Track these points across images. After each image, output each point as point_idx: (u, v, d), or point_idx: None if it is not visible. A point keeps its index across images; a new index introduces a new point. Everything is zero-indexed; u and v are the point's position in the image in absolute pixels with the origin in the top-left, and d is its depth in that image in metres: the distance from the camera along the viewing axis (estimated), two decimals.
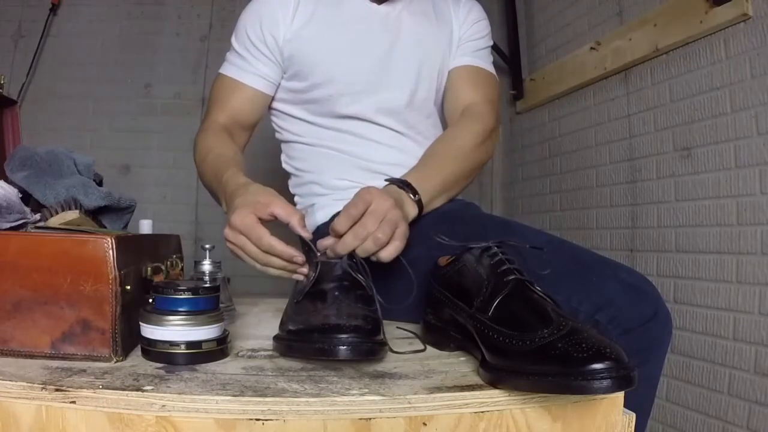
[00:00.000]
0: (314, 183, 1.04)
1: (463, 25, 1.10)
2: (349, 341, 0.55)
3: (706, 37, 1.31)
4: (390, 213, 0.73)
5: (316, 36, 1.00)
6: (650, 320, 0.72)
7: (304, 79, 1.01)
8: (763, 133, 1.18)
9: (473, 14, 1.11)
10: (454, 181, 0.96)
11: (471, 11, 1.11)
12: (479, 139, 0.99)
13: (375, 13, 1.04)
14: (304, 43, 1.00)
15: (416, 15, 1.07)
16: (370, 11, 1.04)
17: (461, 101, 1.06)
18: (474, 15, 1.11)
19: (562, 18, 1.92)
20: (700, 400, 1.33)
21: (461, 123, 1.02)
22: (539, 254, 0.64)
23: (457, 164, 0.96)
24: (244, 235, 0.69)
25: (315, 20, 1.01)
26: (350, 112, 1.01)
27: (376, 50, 1.02)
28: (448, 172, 0.94)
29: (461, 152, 0.97)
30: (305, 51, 1.00)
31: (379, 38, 1.03)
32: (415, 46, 1.04)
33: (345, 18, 1.03)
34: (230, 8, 2.19)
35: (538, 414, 0.51)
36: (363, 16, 1.03)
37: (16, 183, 0.77)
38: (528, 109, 2.12)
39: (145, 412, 0.47)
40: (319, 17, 1.01)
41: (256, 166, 2.11)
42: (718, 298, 1.29)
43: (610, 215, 1.66)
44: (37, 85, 2.08)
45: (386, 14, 1.04)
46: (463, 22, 1.10)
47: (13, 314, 0.56)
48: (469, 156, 0.98)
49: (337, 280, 0.65)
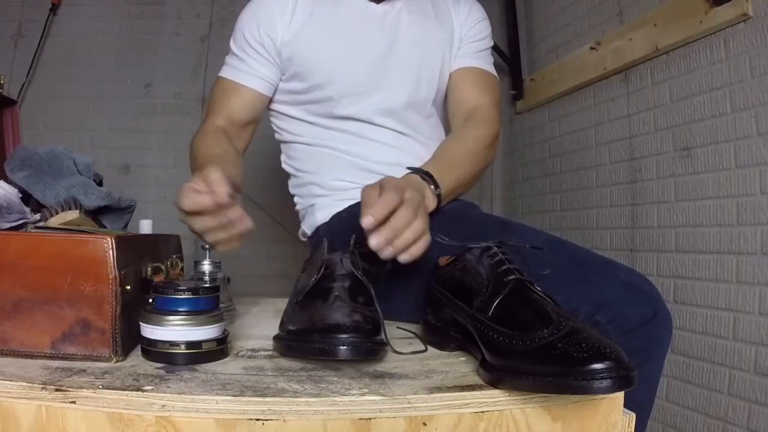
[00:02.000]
0: (314, 183, 1.04)
1: (465, 26, 1.09)
2: (349, 341, 0.55)
3: (706, 37, 1.31)
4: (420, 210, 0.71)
5: (314, 37, 1.00)
6: (650, 320, 0.72)
7: (303, 81, 1.01)
8: (763, 133, 1.18)
9: (474, 14, 1.11)
10: (464, 180, 0.96)
11: (471, 11, 1.11)
12: (488, 141, 1.01)
13: (373, 13, 1.04)
14: (302, 44, 1.00)
15: (415, 14, 1.06)
16: (368, 11, 1.04)
17: (466, 104, 1.06)
18: (475, 15, 1.11)
19: (562, 18, 1.92)
20: (700, 400, 1.33)
21: (471, 125, 1.03)
22: (539, 254, 0.64)
23: (470, 164, 0.97)
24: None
25: (313, 21, 1.01)
26: (349, 112, 1.01)
27: (374, 50, 1.02)
28: (461, 171, 0.94)
29: (473, 152, 0.98)
30: (303, 52, 1.00)
31: (377, 38, 1.02)
32: (414, 46, 1.04)
33: (343, 18, 1.02)
34: (230, 8, 2.19)
35: (538, 414, 0.51)
36: (361, 16, 1.03)
37: (16, 183, 0.77)
38: (528, 109, 2.11)
39: (145, 412, 0.47)
40: (317, 18, 1.01)
41: (257, 166, 2.11)
42: (718, 298, 1.29)
43: (610, 215, 1.66)
44: (37, 85, 2.08)
45: (384, 14, 1.04)
46: (464, 22, 1.09)
47: (13, 314, 0.56)
48: (479, 157, 0.99)
49: (337, 280, 0.65)
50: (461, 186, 0.96)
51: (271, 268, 2.11)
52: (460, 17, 1.09)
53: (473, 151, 0.98)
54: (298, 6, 1.02)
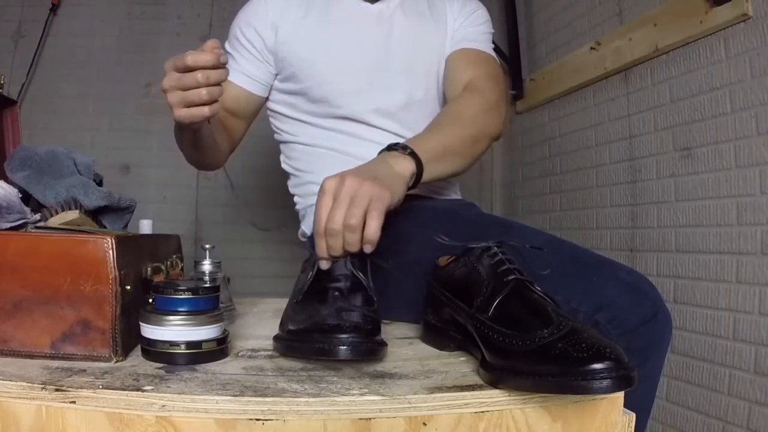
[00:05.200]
0: (313, 183, 1.04)
1: (458, 18, 1.08)
2: (349, 341, 0.55)
3: (706, 37, 1.31)
4: (359, 190, 0.66)
5: (309, 37, 1.00)
6: (650, 320, 0.72)
7: (299, 82, 1.01)
8: (763, 133, 1.18)
9: (468, 6, 1.09)
10: (456, 144, 0.89)
11: (466, 4, 1.09)
12: (481, 107, 0.94)
13: (368, 12, 1.03)
14: (297, 44, 1.00)
15: (410, 14, 1.06)
16: (362, 11, 1.03)
17: (461, 80, 1.01)
18: (469, 7, 1.09)
19: (562, 18, 1.92)
20: (700, 400, 1.33)
21: (461, 96, 0.98)
22: (539, 254, 0.64)
23: (458, 127, 0.91)
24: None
25: (308, 22, 1.01)
26: (346, 113, 1.01)
27: (369, 50, 1.02)
28: (447, 134, 0.88)
29: (461, 117, 0.92)
30: (298, 53, 1.00)
31: (372, 38, 1.02)
32: (409, 46, 1.03)
33: (337, 18, 1.02)
34: (230, 8, 2.18)
35: (538, 414, 0.51)
36: (355, 16, 1.03)
37: (16, 183, 0.77)
38: (528, 109, 2.11)
39: (145, 412, 0.47)
40: (312, 19, 1.01)
41: (257, 165, 2.10)
42: (718, 298, 1.29)
43: (610, 215, 1.66)
44: (37, 85, 2.08)
45: (379, 13, 1.04)
46: (457, 15, 1.08)
47: (13, 314, 0.56)
48: (470, 120, 0.92)
49: (337, 280, 0.65)
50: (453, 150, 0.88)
51: (271, 268, 2.11)
52: (455, 12, 1.08)
53: (461, 116, 0.92)
54: (292, 6, 1.02)
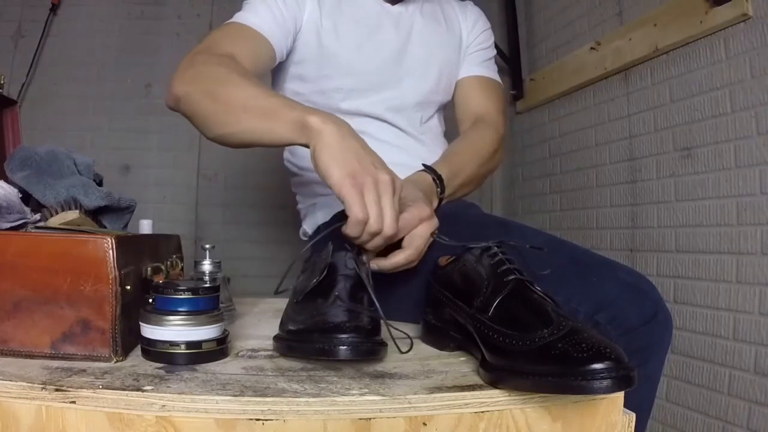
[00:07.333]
0: (315, 182, 1.04)
1: (471, 33, 1.14)
2: (349, 341, 0.55)
3: (706, 37, 1.31)
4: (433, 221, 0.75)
5: (333, 28, 1.01)
6: (650, 320, 0.72)
7: (316, 69, 1.01)
8: (763, 133, 1.18)
9: (480, 23, 1.16)
10: (469, 182, 0.99)
11: (478, 21, 1.16)
12: (495, 146, 1.04)
13: (389, 12, 1.06)
14: (322, 31, 1.00)
15: (427, 18, 1.09)
16: (383, 10, 1.06)
17: (473, 109, 1.10)
18: (481, 24, 1.16)
19: (562, 18, 1.92)
20: (700, 400, 1.33)
21: (479, 129, 1.06)
22: (539, 254, 0.64)
23: (476, 166, 0.99)
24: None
25: (335, 12, 1.02)
26: (356, 107, 1.01)
27: (388, 48, 1.03)
28: (467, 173, 0.97)
29: (481, 155, 1.01)
30: (322, 40, 1.00)
31: (391, 37, 1.04)
32: (426, 47, 1.07)
33: (360, 14, 1.04)
34: (230, 8, 2.17)
35: (538, 414, 0.51)
36: (377, 14, 1.05)
37: (16, 183, 0.77)
38: (528, 109, 2.11)
39: (145, 412, 0.47)
40: (339, 10, 1.03)
41: (257, 165, 2.10)
42: (718, 298, 1.29)
43: (610, 215, 1.66)
44: (37, 85, 2.08)
45: (399, 15, 1.07)
46: (471, 30, 1.14)
47: (13, 314, 0.56)
48: (486, 160, 1.02)
49: (338, 281, 0.65)
50: (464, 188, 0.99)
51: (271, 268, 2.11)
52: (468, 25, 1.14)
53: (481, 155, 1.01)
54: None
